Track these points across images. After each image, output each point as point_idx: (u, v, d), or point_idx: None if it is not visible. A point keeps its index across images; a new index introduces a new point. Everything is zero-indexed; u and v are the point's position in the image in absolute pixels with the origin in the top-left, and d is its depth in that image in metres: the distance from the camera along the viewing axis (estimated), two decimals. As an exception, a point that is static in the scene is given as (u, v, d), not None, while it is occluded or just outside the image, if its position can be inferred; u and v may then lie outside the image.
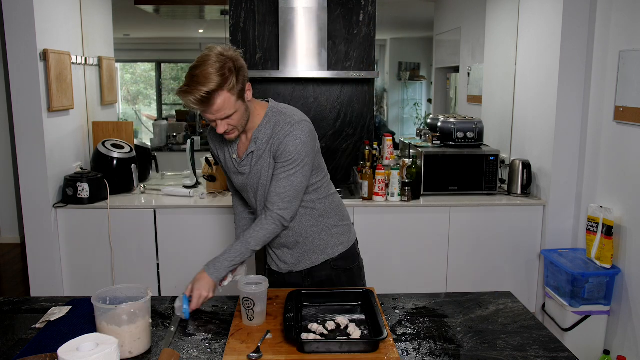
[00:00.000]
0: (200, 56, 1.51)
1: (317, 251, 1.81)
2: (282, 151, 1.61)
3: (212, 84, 1.46)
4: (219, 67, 1.48)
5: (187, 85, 1.48)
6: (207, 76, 1.46)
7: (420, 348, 1.41)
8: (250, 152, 1.68)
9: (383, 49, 7.67)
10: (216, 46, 1.55)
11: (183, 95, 1.49)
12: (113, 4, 3.81)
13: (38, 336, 1.45)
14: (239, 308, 1.63)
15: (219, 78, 1.47)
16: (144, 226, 2.95)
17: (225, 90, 1.49)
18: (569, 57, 2.87)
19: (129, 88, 8.45)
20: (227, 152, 1.76)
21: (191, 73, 1.49)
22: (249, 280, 1.55)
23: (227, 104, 1.52)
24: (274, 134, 1.64)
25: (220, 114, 1.52)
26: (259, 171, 1.69)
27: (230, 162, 1.76)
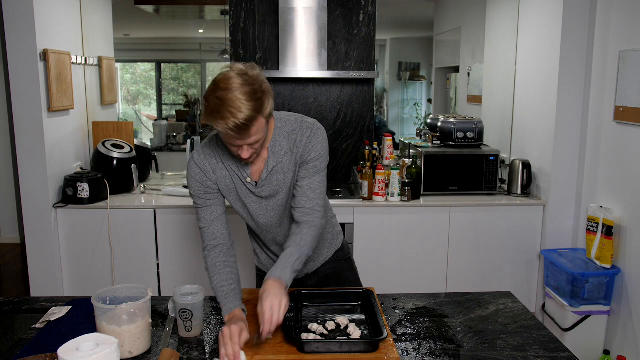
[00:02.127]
0: (224, 78, 1.37)
1: (326, 245, 1.83)
2: (310, 155, 1.58)
3: (250, 110, 1.35)
4: (251, 91, 1.36)
5: (217, 111, 1.34)
6: (242, 101, 1.34)
7: (420, 348, 1.41)
8: (272, 168, 1.57)
9: (383, 49, 7.67)
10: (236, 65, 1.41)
11: (213, 120, 1.35)
12: (113, 4, 3.81)
13: (38, 336, 1.45)
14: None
15: (255, 103, 1.36)
16: (144, 226, 2.95)
17: (261, 116, 1.39)
18: (569, 57, 2.87)
19: (129, 88, 8.46)
20: (233, 179, 1.60)
21: (217, 96, 1.35)
22: (184, 291, 1.49)
23: (260, 129, 1.41)
24: (295, 143, 1.57)
25: (252, 139, 1.41)
26: (280, 186, 1.60)
27: (242, 187, 1.61)
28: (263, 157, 1.57)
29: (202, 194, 1.60)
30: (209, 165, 1.59)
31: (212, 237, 1.61)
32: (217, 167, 1.59)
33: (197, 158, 1.59)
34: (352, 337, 1.45)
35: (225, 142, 1.46)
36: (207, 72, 8.40)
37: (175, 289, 1.51)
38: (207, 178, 1.59)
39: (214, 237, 1.61)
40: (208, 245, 1.61)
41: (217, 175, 1.60)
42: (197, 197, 1.61)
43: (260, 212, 1.64)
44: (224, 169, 1.59)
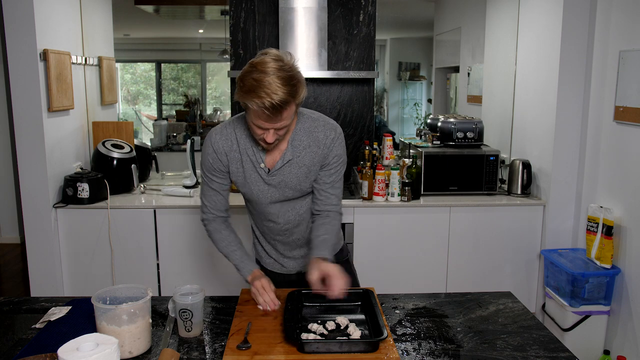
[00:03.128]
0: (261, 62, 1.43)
1: None
2: (334, 156, 1.66)
3: (285, 94, 1.41)
4: (287, 77, 1.42)
5: (252, 91, 1.40)
6: (278, 84, 1.40)
7: (420, 348, 1.41)
8: (288, 160, 1.62)
9: (383, 49, 7.67)
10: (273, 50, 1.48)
11: (249, 98, 1.41)
12: (113, 4, 3.81)
13: (38, 336, 1.45)
14: (239, 308, 1.63)
15: (290, 88, 1.42)
16: (144, 226, 2.95)
17: (294, 102, 1.46)
18: (569, 57, 2.87)
19: (129, 88, 8.46)
20: (245, 163, 1.64)
21: (253, 77, 1.41)
22: (184, 291, 1.50)
23: (290, 115, 1.48)
24: (318, 142, 1.63)
25: (281, 124, 1.47)
26: (291, 178, 1.65)
27: (254, 173, 1.65)
28: (281, 148, 1.63)
29: (210, 174, 1.68)
30: (223, 147, 1.64)
31: (215, 209, 1.72)
32: (231, 149, 1.64)
33: (213, 138, 1.65)
34: (352, 337, 1.45)
35: (253, 124, 1.50)
36: (207, 72, 8.40)
37: (175, 289, 1.51)
38: (219, 160, 1.65)
39: (216, 209, 1.72)
40: (209, 216, 1.73)
41: (229, 158, 1.65)
42: (205, 175, 1.69)
43: (262, 195, 1.68)
44: (237, 152, 1.64)
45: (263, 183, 1.66)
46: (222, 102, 8.33)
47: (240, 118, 1.66)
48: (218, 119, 6.89)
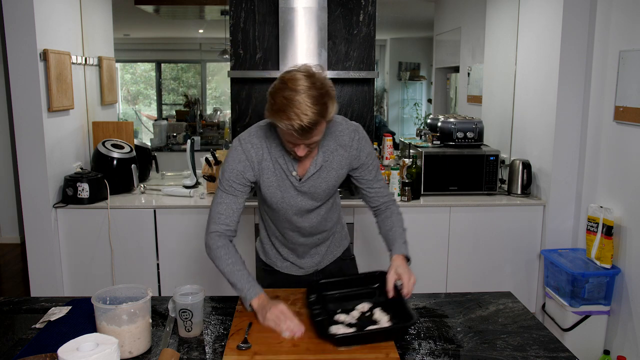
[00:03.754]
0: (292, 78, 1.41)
1: (336, 244, 1.90)
2: (366, 155, 1.69)
3: (315, 114, 1.39)
4: (318, 95, 1.40)
5: (282, 111, 1.38)
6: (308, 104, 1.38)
7: (420, 348, 1.41)
8: (320, 166, 1.63)
9: (383, 49, 7.67)
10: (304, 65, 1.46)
11: (278, 118, 1.40)
12: (113, 4, 3.81)
13: (38, 336, 1.45)
14: (239, 308, 1.63)
15: (320, 107, 1.40)
16: (144, 226, 2.95)
17: (324, 121, 1.44)
18: (569, 57, 2.87)
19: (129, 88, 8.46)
20: (277, 171, 1.63)
21: (284, 95, 1.39)
22: (184, 291, 1.50)
23: (321, 132, 1.48)
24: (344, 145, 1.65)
25: (311, 140, 1.47)
26: (322, 183, 1.66)
27: (285, 181, 1.64)
28: (311, 154, 1.62)
29: (236, 182, 1.61)
30: (256, 156, 1.60)
31: (226, 224, 1.62)
32: (262, 159, 1.61)
33: (245, 146, 1.60)
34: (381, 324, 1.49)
35: (284, 138, 1.50)
36: (207, 72, 8.40)
37: (175, 289, 1.51)
38: (251, 168, 1.60)
39: (228, 225, 1.63)
40: (218, 231, 1.62)
41: (262, 167, 1.61)
42: (228, 182, 1.61)
43: (294, 203, 1.67)
44: (269, 160, 1.61)
45: (294, 191, 1.65)
46: (222, 102, 8.33)
47: (268, 126, 1.62)
48: (218, 119, 6.89)
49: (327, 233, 1.84)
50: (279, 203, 1.67)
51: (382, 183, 1.77)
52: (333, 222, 1.84)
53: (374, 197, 1.78)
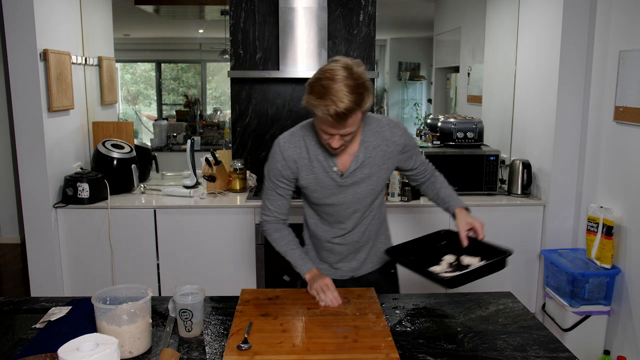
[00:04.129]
0: (330, 69, 1.48)
1: (379, 254, 1.89)
2: (410, 147, 1.79)
3: (351, 102, 1.44)
4: (354, 85, 1.46)
5: (320, 97, 1.45)
6: (344, 92, 1.44)
7: (420, 348, 1.41)
8: (362, 162, 1.67)
9: (383, 49, 7.67)
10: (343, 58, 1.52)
11: (315, 105, 1.47)
12: (113, 4, 3.81)
13: (38, 336, 1.45)
14: (239, 308, 1.63)
15: (356, 96, 1.46)
16: (144, 226, 2.95)
17: (359, 110, 1.49)
18: (569, 57, 2.87)
19: (129, 88, 8.46)
20: (318, 168, 1.68)
21: (322, 84, 1.46)
22: (184, 291, 1.51)
23: (355, 122, 1.52)
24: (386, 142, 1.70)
25: (346, 130, 1.51)
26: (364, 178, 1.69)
27: (326, 177, 1.68)
28: (352, 150, 1.67)
29: (278, 180, 1.71)
30: (292, 155, 1.67)
31: (277, 212, 1.77)
32: (300, 157, 1.67)
33: (282, 146, 1.68)
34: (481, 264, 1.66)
35: (319, 128, 1.56)
36: (207, 72, 8.40)
37: (175, 289, 1.51)
38: (288, 167, 1.68)
39: (279, 212, 1.77)
40: (270, 218, 1.77)
41: (299, 165, 1.68)
42: (271, 180, 1.73)
43: (335, 200, 1.72)
44: (307, 159, 1.67)
45: (336, 186, 1.69)
46: (222, 102, 8.33)
47: (308, 125, 1.70)
48: (218, 119, 6.89)
49: (368, 239, 1.84)
50: (319, 199, 1.72)
51: (423, 160, 1.87)
52: (375, 228, 1.85)
53: (421, 174, 1.88)
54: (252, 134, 3.46)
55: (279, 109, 3.44)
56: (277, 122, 3.45)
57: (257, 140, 3.47)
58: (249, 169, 3.41)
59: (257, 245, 2.96)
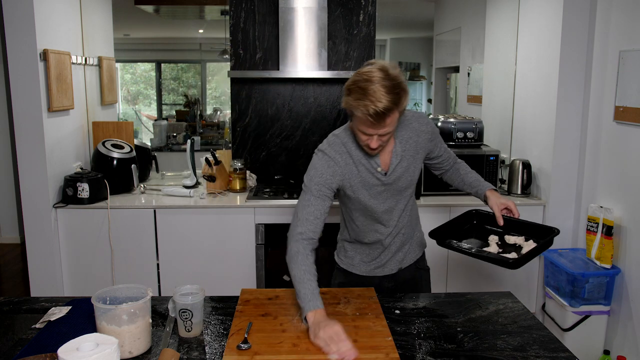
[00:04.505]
0: (367, 71, 1.53)
1: (416, 248, 1.95)
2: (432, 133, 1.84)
3: (389, 102, 1.49)
4: (391, 86, 1.50)
5: (359, 99, 1.50)
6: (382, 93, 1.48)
7: (420, 348, 1.41)
8: (401, 156, 1.73)
9: (383, 49, 7.66)
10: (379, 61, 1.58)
11: (355, 105, 1.51)
12: (113, 4, 3.81)
13: (38, 336, 1.45)
14: (239, 308, 1.63)
15: (394, 97, 1.49)
16: (144, 226, 2.95)
17: (397, 110, 1.53)
18: (569, 57, 2.87)
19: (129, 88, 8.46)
20: (364, 172, 1.70)
21: (359, 86, 1.51)
22: (184, 291, 1.51)
23: (393, 122, 1.56)
24: (416, 132, 1.76)
25: (384, 130, 1.55)
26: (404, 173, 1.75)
27: (372, 178, 1.71)
28: (389, 147, 1.72)
29: (324, 187, 1.68)
30: (342, 160, 1.69)
31: (312, 229, 1.64)
32: (347, 163, 1.70)
33: (331, 154, 1.69)
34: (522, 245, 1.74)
35: (358, 130, 1.59)
36: (207, 72, 8.40)
37: (175, 289, 1.51)
38: (336, 172, 1.69)
39: (314, 231, 1.65)
40: (303, 234, 1.63)
41: (345, 171, 1.70)
42: (317, 187, 1.67)
43: (380, 199, 1.76)
44: (352, 164, 1.70)
45: (381, 185, 1.73)
46: (222, 102, 8.33)
47: (344, 131, 1.73)
48: (218, 119, 6.89)
49: (411, 229, 1.91)
50: (366, 201, 1.74)
51: (446, 147, 1.95)
52: (414, 217, 1.93)
53: (444, 162, 1.96)
54: (252, 134, 3.46)
55: (279, 109, 3.44)
56: (277, 122, 3.45)
57: (257, 140, 3.47)
58: (249, 169, 3.41)
59: (257, 245, 2.96)
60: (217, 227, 2.95)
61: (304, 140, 3.49)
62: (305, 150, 3.49)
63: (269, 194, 3.12)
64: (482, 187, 1.93)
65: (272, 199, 2.99)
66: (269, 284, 2.95)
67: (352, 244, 1.90)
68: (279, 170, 3.51)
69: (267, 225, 2.94)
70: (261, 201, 2.95)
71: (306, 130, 3.48)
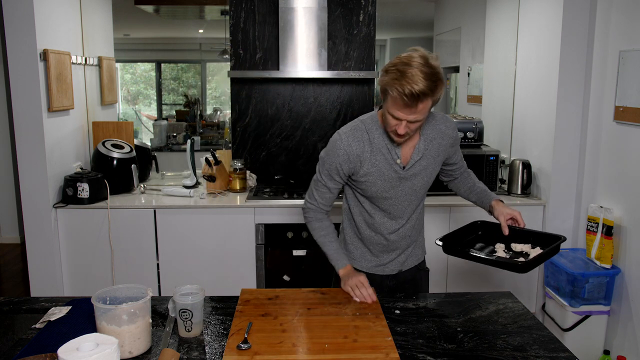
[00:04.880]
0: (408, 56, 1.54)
1: (418, 252, 1.96)
2: (455, 139, 1.83)
3: (425, 87, 1.49)
4: (430, 73, 1.50)
5: (396, 79, 1.50)
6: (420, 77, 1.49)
7: (420, 348, 1.41)
8: (423, 153, 1.73)
9: (383, 49, 7.65)
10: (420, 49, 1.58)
11: (392, 85, 1.51)
12: (113, 4, 3.81)
13: (38, 336, 1.45)
14: (239, 308, 1.63)
15: (431, 83, 1.50)
16: (144, 226, 2.95)
17: (431, 97, 1.52)
18: (569, 57, 2.87)
19: (129, 88, 8.46)
20: (381, 161, 1.70)
21: (398, 68, 1.52)
22: (184, 291, 1.51)
23: (425, 110, 1.55)
24: (441, 134, 1.76)
25: (415, 116, 1.55)
26: (422, 171, 1.75)
27: (388, 170, 1.71)
28: (413, 142, 1.72)
29: (334, 172, 1.73)
30: (355, 150, 1.69)
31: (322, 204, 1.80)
32: (363, 151, 1.70)
33: (346, 141, 1.69)
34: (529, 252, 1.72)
35: (389, 113, 1.57)
36: (207, 72, 8.40)
37: (175, 289, 1.51)
38: (349, 161, 1.70)
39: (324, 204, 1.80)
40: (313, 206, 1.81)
41: (362, 159, 1.70)
42: (327, 172, 1.74)
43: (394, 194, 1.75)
44: (370, 152, 1.70)
45: (397, 179, 1.72)
46: (222, 102, 8.32)
47: (369, 118, 1.73)
48: (218, 119, 6.89)
49: (417, 233, 1.91)
50: (378, 192, 1.73)
51: (461, 156, 1.92)
52: (421, 222, 1.93)
53: (457, 170, 1.93)
54: (252, 134, 3.46)
55: (279, 109, 3.44)
56: (277, 122, 3.45)
57: (257, 140, 3.47)
58: (249, 168, 3.41)
59: (257, 245, 2.96)
60: (217, 227, 2.95)
61: (304, 140, 3.49)
62: (305, 150, 3.49)
63: (269, 194, 3.12)
64: (488, 197, 1.91)
65: (272, 199, 2.99)
66: (269, 284, 2.95)
67: (354, 239, 1.88)
68: (279, 170, 3.51)
69: (267, 225, 2.94)
70: (261, 201, 2.95)
71: (306, 130, 3.48)
